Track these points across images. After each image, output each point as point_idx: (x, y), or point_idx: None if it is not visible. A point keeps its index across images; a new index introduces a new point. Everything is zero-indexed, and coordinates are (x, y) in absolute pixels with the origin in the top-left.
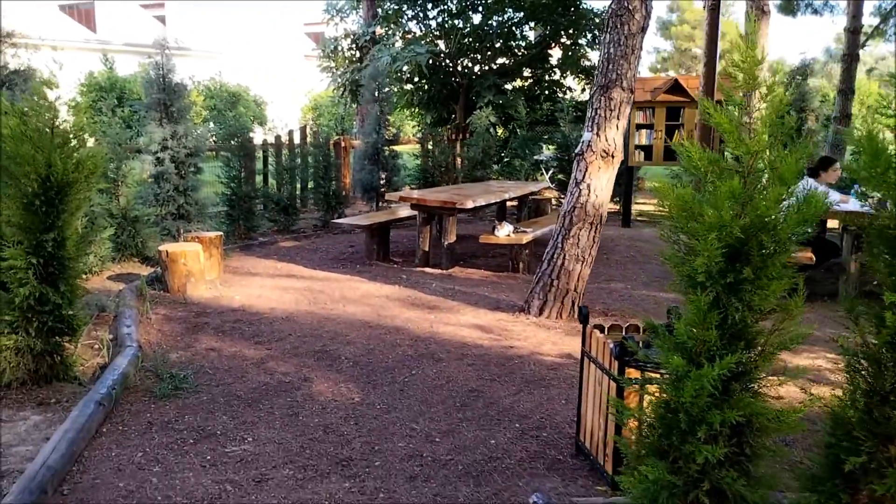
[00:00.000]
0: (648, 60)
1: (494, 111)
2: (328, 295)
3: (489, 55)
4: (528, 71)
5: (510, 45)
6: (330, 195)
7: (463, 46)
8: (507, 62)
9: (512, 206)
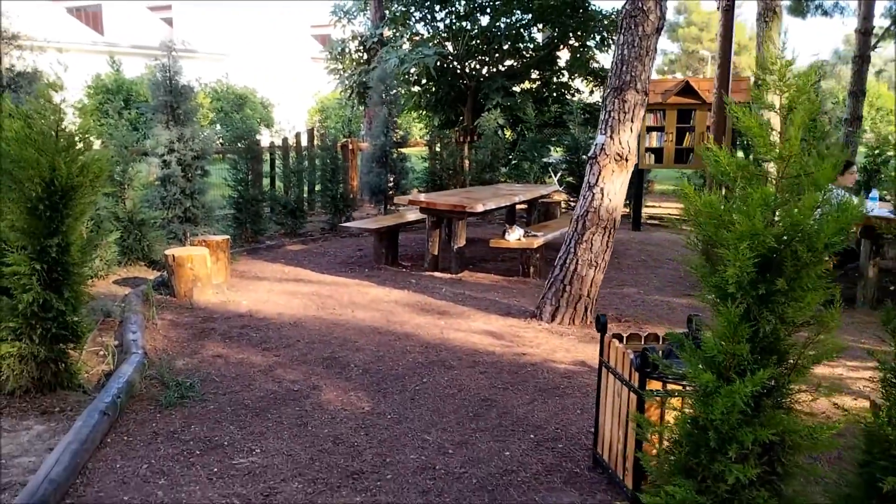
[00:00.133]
0: (656, 63)
1: (502, 113)
2: (336, 300)
3: (497, 57)
4: (535, 73)
5: (518, 46)
6: (337, 198)
7: (471, 48)
8: (514, 64)
9: (521, 209)
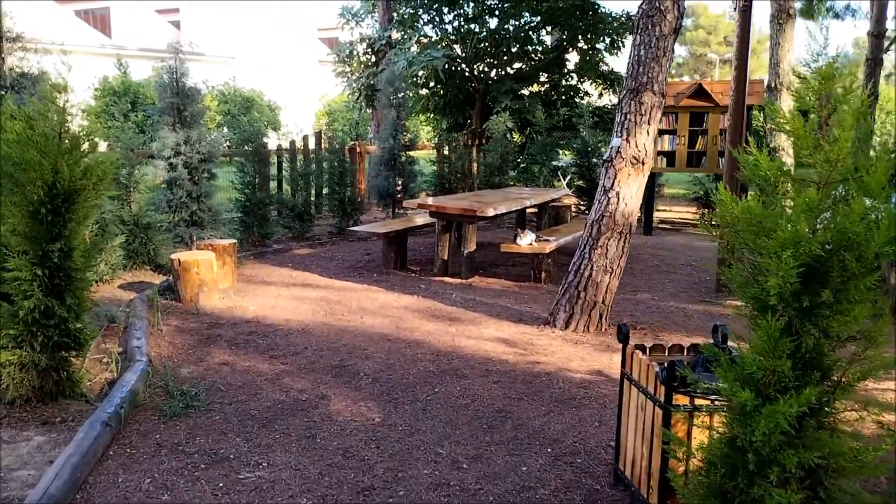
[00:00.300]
0: None
1: (511, 116)
2: (345, 305)
3: (505, 60)
4: (544, 76)
5: (526, 49)
6: (345, 202)
7: (479, 51)
8: (523, 67)
9: (531, 213)
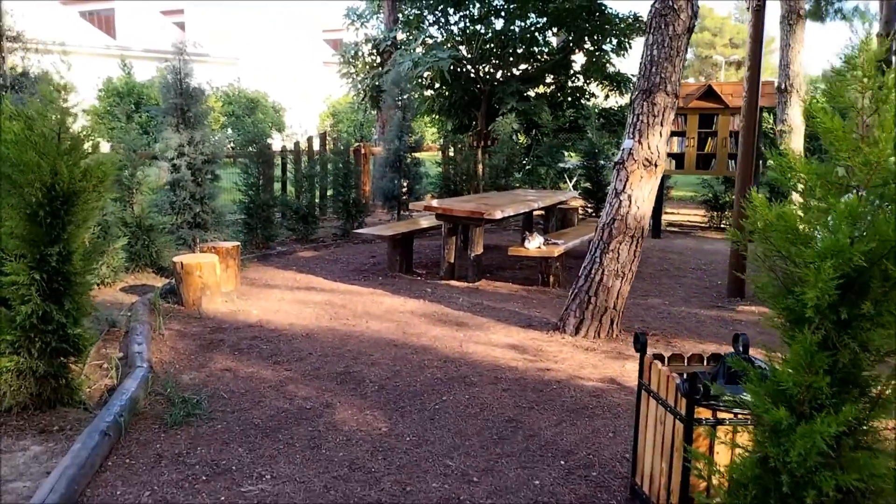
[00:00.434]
0: None
1: (517, 118)
2: (350, 310)
3: (511, 61)
4: (550, 77)
5: (532, 50)
6: (350, 203)
7: (485, 52)
8: (528, 68)
9: (537, 215)
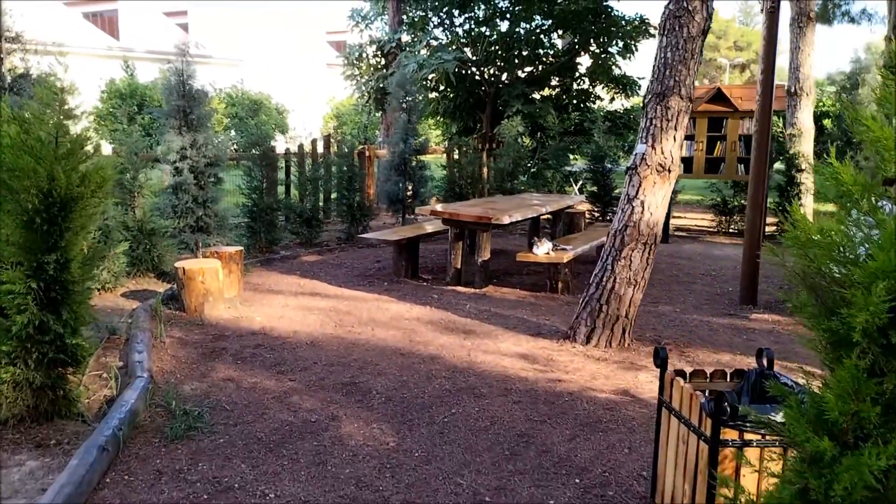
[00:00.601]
0: None
1: (523, 120)
2: (355, 316)
3: (516, 63)
4: (555, 80)
5: (538, 53)
6: (354, 207)
7: (490, 54)
8: (534, 70)
9: (544, 219)
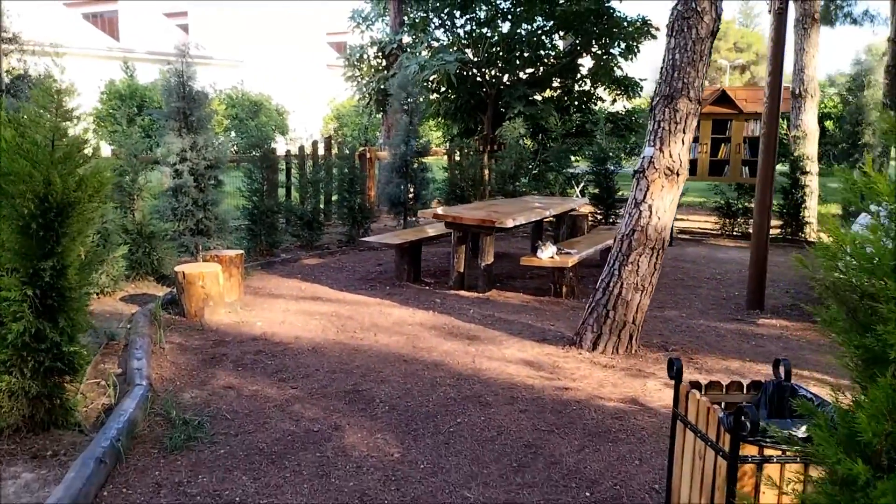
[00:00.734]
0: None
1: (525, 122)
2: (357, 321)
3: (518, 64)
4: (557, 81)
5: (539, 54)
6: (355, 209)
7: (491, 55)
8: (535, 72)
9: (547, 222)
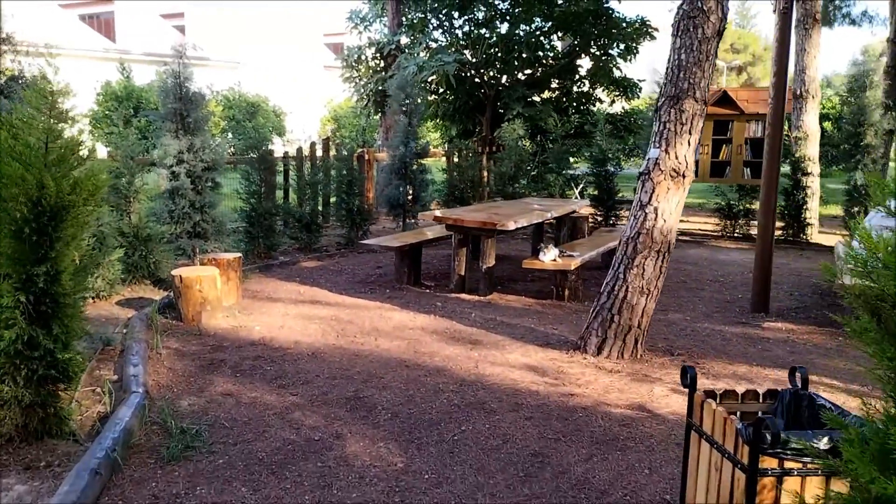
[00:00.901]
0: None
1: (523, 123)
2: (358, 326)
3: (516, 65)
4: (555, 82)
5: (538, 55)
6: (354, 211)
7: (489, 56)
8: (534, 73)
9: (546, 224)
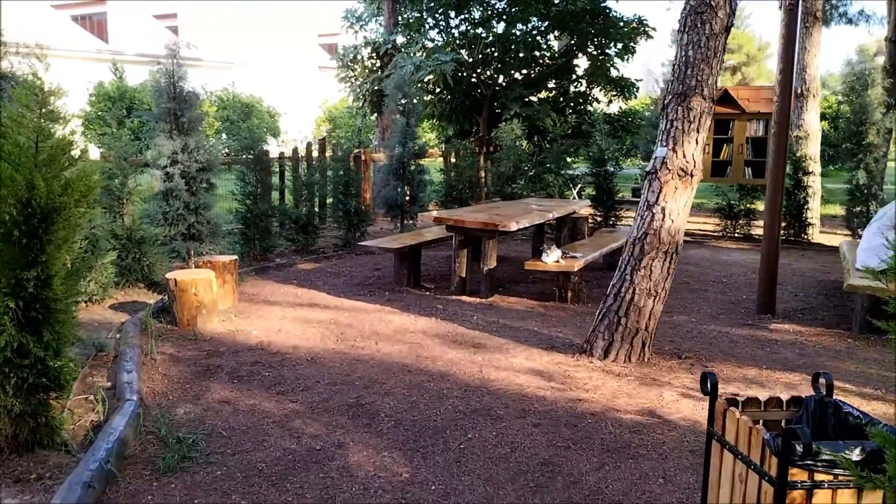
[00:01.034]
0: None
1: (521, 123)
2: (357, 329)
3: (513, 65)
4: (552, 82)
5: (535, 54)
6: (351, 212)
7: (486, 56)
8: (531, 73)
9: (547, 225)
